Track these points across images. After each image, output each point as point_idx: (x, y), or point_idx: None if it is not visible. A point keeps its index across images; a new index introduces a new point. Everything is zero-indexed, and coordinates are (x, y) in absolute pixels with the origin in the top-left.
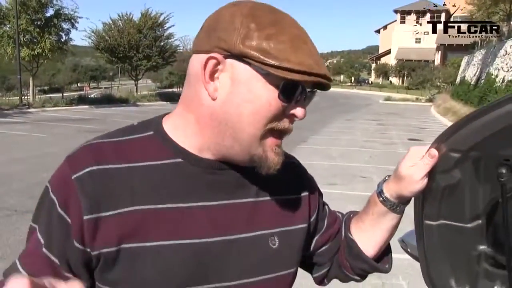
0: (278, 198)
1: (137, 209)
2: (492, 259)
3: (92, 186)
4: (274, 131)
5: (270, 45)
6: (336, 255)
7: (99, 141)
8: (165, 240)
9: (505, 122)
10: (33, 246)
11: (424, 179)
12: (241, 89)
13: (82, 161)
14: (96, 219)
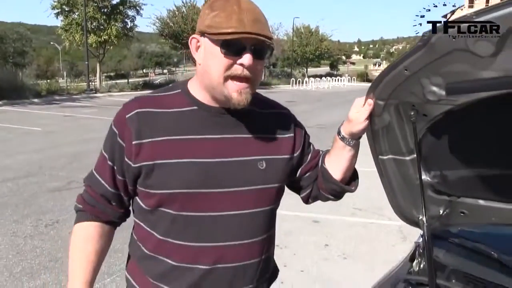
0: (268, 135)
1: (165, 138)
2: (432, 187)
3: (137, 122)
4: (233, 77)
5: (214, 21)
6: (315, 180)
7: (144, 95)
8: (183, 158)
9: (400, 79)
10: (100, 160)
11: (365, 121)
12: (207, 54)
13: (132, 106)
14: (140, 144)
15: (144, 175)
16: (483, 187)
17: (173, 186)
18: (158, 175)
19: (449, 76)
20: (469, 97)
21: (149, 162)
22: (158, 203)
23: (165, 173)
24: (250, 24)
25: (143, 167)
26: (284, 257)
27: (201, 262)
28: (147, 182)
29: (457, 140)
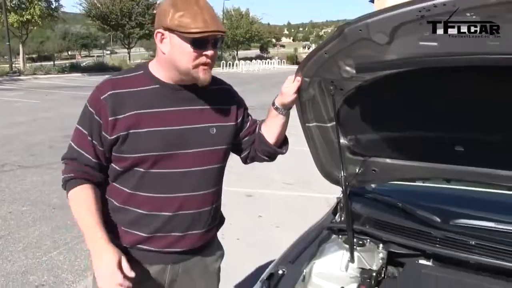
0: (217, 107)
1: (135, 112)
2: (349, 149)
3: (111, 102)
4: (200, 63)
5: (182, 21)
6: (253, 144)
7: (114, 77)
8: (151, 127)
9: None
10: (79, 136)
11: (294, 94)
12: (176, 48)
13: (105, 88)
14: (115, 119)
15: (119, 143)
16: (389, 148)
17: (144, 150)
18: (131, 142)
19: (358, 58)
20: (374, 75)
21: (123, 132)
22: (130, 165)
23: (137, 141)
24: (211, 23)
25: (119, 137)
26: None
27: (166, 210)
28: (121, 149)
29: (367, 109)
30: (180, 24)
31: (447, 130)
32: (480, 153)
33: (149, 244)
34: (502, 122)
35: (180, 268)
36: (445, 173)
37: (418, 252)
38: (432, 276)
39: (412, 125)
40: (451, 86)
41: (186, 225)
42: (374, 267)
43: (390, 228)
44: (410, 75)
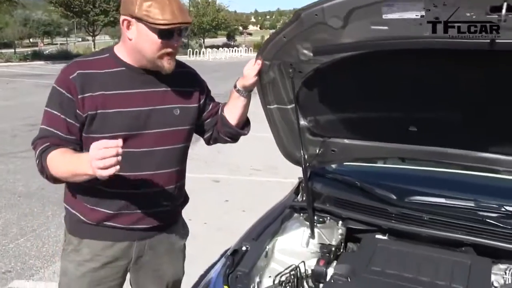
0: (180, 89)
1: (103, 93)
2: (309, 130)
3: (79, 81)
4: (165, 53)
5: (150, 11)
6: (216, 125)
7: (80, 59)
8: (119, 108)
9: (280, 44)
10: (51, 118)
11: (255, 77)
12: (143, 36)
13: (72, 69)
14: (83, 97)
15: (88, 123)
16: (347, 129)
17: (112, 130)
18: (99, 122)
19: (315, 42)
20: (331, 58)
21: (92, 112)
22: None
23: (105, 121)
24: (179, 14)
25: (88, 116)
26: (189, 213)
27: (132, 187)
28: (91, 129)
29: (325, 91)
30: (148, 15)
31: (401, 111)
32: (432, 133)
33: (115, 221)
34: (451, 103)
35: (146, 244)
36: (400, 152)
37: (375, 227)
38: (387, 249)
39: (367, 106)
40: (403, 68)
41: (151, 203)
42: (334, 243)
43: (349, 205)
44: (364, 58)
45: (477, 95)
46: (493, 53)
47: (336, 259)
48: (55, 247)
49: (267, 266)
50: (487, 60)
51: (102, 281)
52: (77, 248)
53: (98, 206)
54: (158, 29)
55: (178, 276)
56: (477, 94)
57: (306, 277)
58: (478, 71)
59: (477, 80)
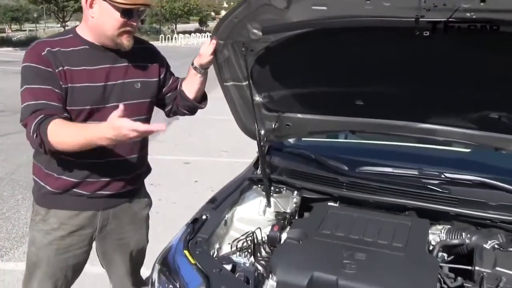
0: (142, 64)
1: (69, 68)
2: (264, 106)
3: (50, 57)
4: (125, 31)
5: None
6: (175, 99)
7: (45, 39)
8: (84, 83)
9: (232, 25)
10: (35, 92)
11: (211, 56)
12: (105, 14)
13: (41, 47)
14: (59, 71)
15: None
16: (299, 104)
17: (81, 104)
18: (70, 96)
19: (263, 22)
20: (279, 36)
21: (67, 85)
22: (72, 116)
23: (74, 94)
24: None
25: (63, 88)
26: (159, 193)
27: (96, 157)
28: (67, 99)
29: (277, 68)
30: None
31: (347, 86)
32: (377, 106)
33: (80, 189)
34: (393, 77)
35: (110, 214)
36: (349, 125)
37: (327, 196)
38: (336, 214)
39: (317, 82)
40: (346, 45)
41: (114, 171)
42: (288, 210)
43: (303, 176)
44: (311, 36)
45: (415, 70)
46: (422, 31)
47: (289, 225)
48: (25, 229)
49: (227, 234)
50: (420, 37)
51: (69, 249)
52: (44, 218)
53: (63, 175)
54: (121, 8)
55: (142, 244)
56: (415, 68)
57: (263, 243)
58: (414, 46)
59: (414, 55)
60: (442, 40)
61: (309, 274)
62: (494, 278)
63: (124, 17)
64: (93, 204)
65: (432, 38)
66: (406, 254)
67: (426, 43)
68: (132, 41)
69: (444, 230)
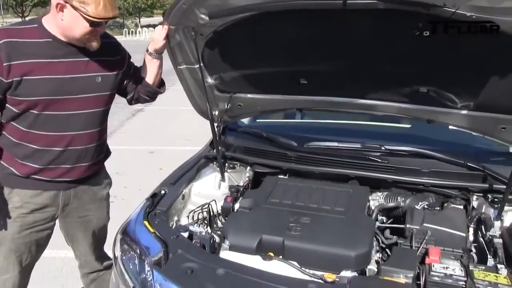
0: (103, 58)
1: (29, 61)
2: (216, 87)
3: (6, 49)
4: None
5: (85, 2)
6: (136, 87)
7: (8, 27)
8: (44, 75)
9: (181, 10)
10: None
11: (164, 40)
12: (74, 20)
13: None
14: (9, 65)
15: (13, 87)
16: (248, 84)
17: (37, 95)
18: (25, 87)
19: (210, 8)
20: (225, 20)
21: (17, 78)
22: (25, 107)
23: (30, 86)
24: (111, 9)
25: (13, 82)
26: (125, 181)
27: (57, 145)
28: (16, 92)
29: (225, 51)
30: (83, 6)
31: (291, 66)
32: (320, 84)
33: (41, 175)
34: (332, 57)
35: (71, 194)
36: (296, 103)
37: (277, 169)
38: (285, 185)
39: (263, 62)
40: (287, 27)
41: (75, 159)
42: (241, 184)
43: (256, 153)
44: (255, 19)
45: (348, 49)
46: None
47: None
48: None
49: (185, 207)
50: (350, 18)
51: (32, 226)
52: (8, 196)
53: (26, 161)
54: (90, 20)
55: (103, 222)
56: (348, 47)
57: (218, 215)
58: (345, 27)
59: (346, 35)
60: (369, 19)
61: (258, 237)
62: (421, 233)
63: (93, 27)
64: (55, 186)
65: (361, 18)
66: (346, 217)
67: (356, 23)
68: (99, 41)
69: (382, 196)
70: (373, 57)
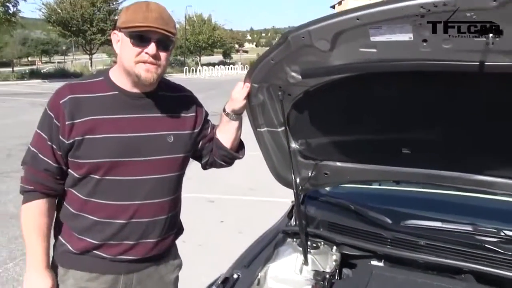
0: (175, 114)
1: (93, 118)
2: (301, 153)
3: (70, 106)
4: (141, 61)
5: (125, 18)
6: (212, 150)
7: (74, 82)
8: (107, 134)
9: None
10: (39, 140)
11: (244, 100)
12: (122, 44)
13: (64, 92)
14: (72, 124)
15: (74, 148)
16: (339, 152)
17: (99, 156)
18: (86, 148)
19: (303, 64)
20: (320, 80)
21: (79, 137)
22: (86, 171)
23: (92, 146)
24: (153, 20)
25: (74, 142)
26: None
27: (119, 217)
28: (77, 154)
29: (315, 113)
30: (124, 21)
31: (393, 133)
32: (426, 155)
33: (101, 251)
34: (444, 124)
35: (133, 278)
36: (394, 175)
37: (370, 253)
38: (382, 276)
39: (359, 128)
40: (394, 90)
41: (140, 233)
42: (328, 269)
43: (343, 230)
44: (354, 80)
45: (470, 117)
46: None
47: (330, 287)
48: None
49: None
50: (479, 81)
51: None
52: (62, 278)
53: (84, 235)
54: (129, 32)
55: None
56: (470, 115)
57: None
58: (470, 92)
59: (470, 101)
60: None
61: None
62: None
63: (136, 44)
64: (115, 267)
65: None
66: None
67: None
68: (152, 75)
69: None
70: (498, 127)
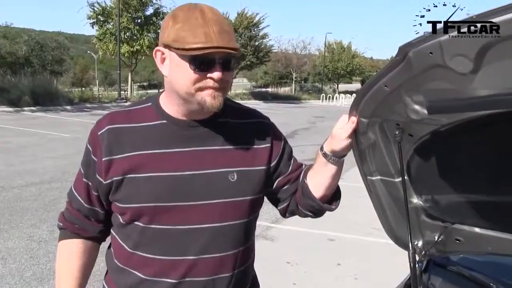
0: (241, 146)
1: (134, 154)
2: (425, 211)
3: (108, 139)
4: (204, 87)
5: (179, 35)
6: (294, 194)
7: (115, 110)
8: (151, 172)
9: (381, 96)
10: (78, 175)
11: (348, 139)
12: (175, 68)
13: (103, 123)
14: (110, 160)
15: (113, 190)
16: (478, 214)
17: (141, 200)
18: (127, 189)
19: (431, 94)
20: (453, 117)
21: (118, 177)
22: (130, 217)
23: (134, 188)
24: (217, 37)
25: (113, 182)
26: (295, 275)
27: (169, 275)
28: (116, 197)
29: (447, 163)
30: (176, 39)
31: None
32: None
33: None
34: None
35: None
36: None
37: None
38: None
39: (509, 187)
40: None
41: None
42: None
43: None
44: (506, 119)
45: None
46: None
47: None
48: None
49: None
50: None
51: None
52: None
53: None
54: (188, 56)
55: None
56: None
57: None
58: None
59: None
60: None
61: None
62: None
63: (197, 69)
64: None
65: None
66: None
67: None
68: (219, 100)
69: None
70: None
